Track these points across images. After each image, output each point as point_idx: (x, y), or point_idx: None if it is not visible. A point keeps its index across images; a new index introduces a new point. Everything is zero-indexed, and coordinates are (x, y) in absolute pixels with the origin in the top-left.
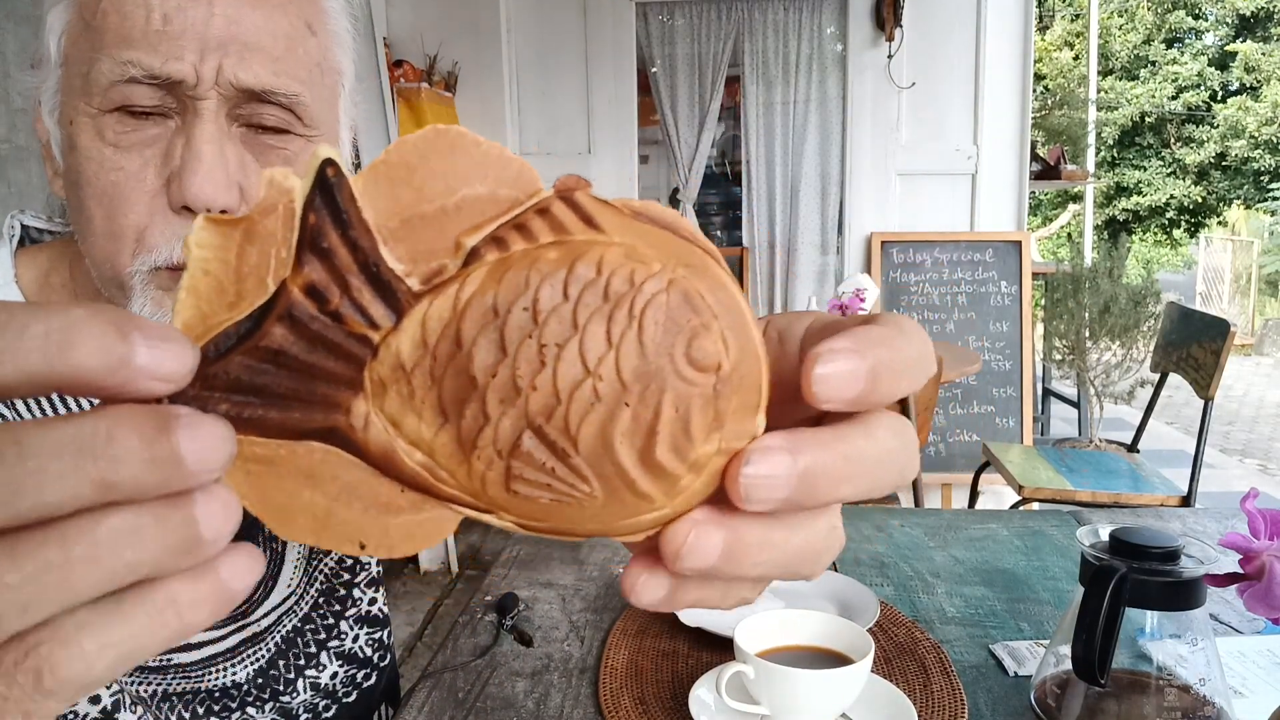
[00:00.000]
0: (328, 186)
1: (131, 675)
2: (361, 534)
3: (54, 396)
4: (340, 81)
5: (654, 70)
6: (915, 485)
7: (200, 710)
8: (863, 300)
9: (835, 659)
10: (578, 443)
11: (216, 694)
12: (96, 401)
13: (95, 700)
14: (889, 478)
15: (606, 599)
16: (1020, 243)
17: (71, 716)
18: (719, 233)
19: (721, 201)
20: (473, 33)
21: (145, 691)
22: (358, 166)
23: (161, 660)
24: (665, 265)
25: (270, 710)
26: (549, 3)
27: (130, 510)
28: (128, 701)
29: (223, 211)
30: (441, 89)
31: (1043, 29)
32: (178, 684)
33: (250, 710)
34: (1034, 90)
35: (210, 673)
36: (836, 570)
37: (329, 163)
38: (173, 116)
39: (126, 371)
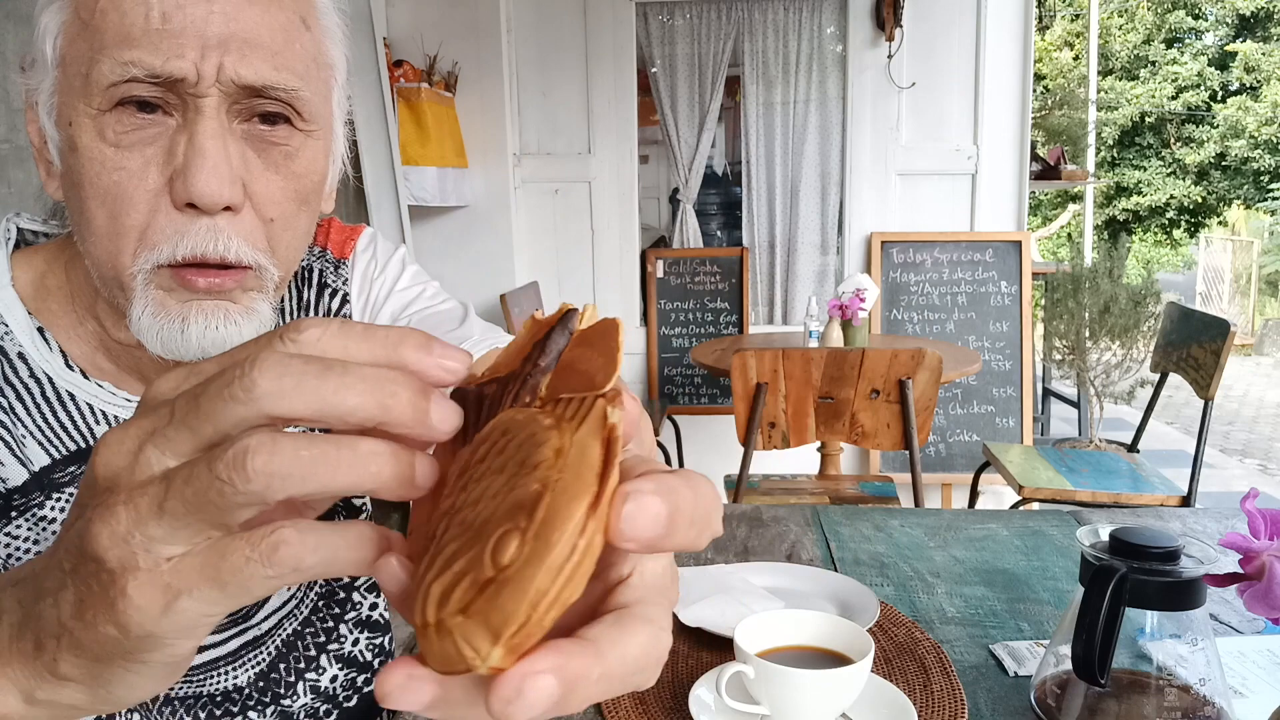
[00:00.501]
0: (553, 328)
1: None
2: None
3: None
4: (334, 75)
5: (654, 70)
6: (915, 485)
7: (202, 715)
8: (863, 300)
9: (835, 659)
10: (442, 541)
11: (218, 698)
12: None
13: None
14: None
15: None
16: (1020, 243)
17: None
18: (719, 232)
19: (721, 201)
20: (473, 33)
21: None
22: (356, 160)
23: None
24: (565, 472)
25: (271, 714)
26: (549, 3)
27: (384, 441)
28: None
29: (226, 209)
30: (441, 89)
31: (1043, 29)
32: (179, 688)
33: (251, 714)
34: (1034, 90)
35: (212, 677)
36: (836, 570)
37: (568, 313)
38: (173, 114)
39: (429, 360)
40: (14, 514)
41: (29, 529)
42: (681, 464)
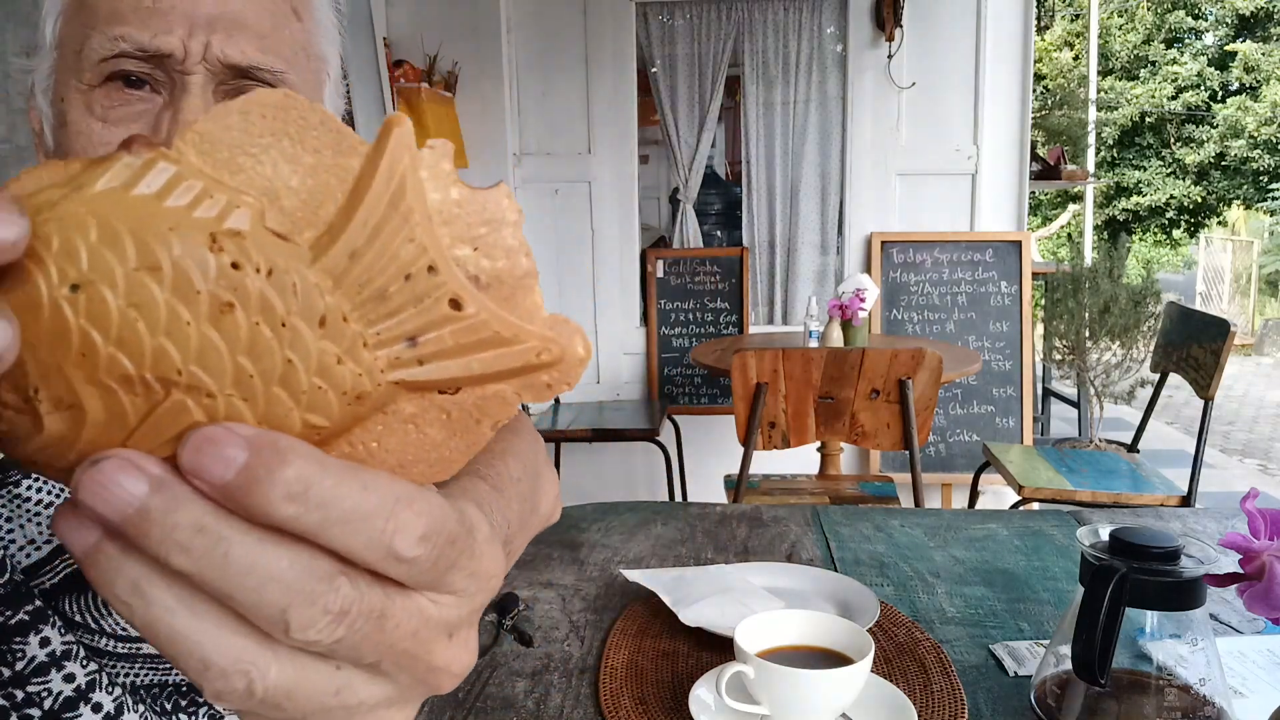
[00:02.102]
0: None
1: (101, 661)
2: None
3: None
4: (325, 70)
5: (654, 70)
6: (915, 485)
7: (168, 705)
8: (863, 300)
9: (835, 659)
10: None
11: (184, 688)
12: None
13: (70, 679)
14: None
15: (606, 599)
16: (1020, 243)
17: (45, 694)
18: (719, 232)
19: (721, 201)
20: (473, 33)
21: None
22: None
23: (130, 648)
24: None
25: None
26: (549, 3)
27: None
28: (104, 682)
29: None
30: (441, 89)
31: (1043, 29)
32: (145, 675)
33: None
34: (1034, 90)
35: None
36: (836, 570)
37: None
38: (161, 91)
39: None
40: None
41: (3, 504)
42: (682, 464)
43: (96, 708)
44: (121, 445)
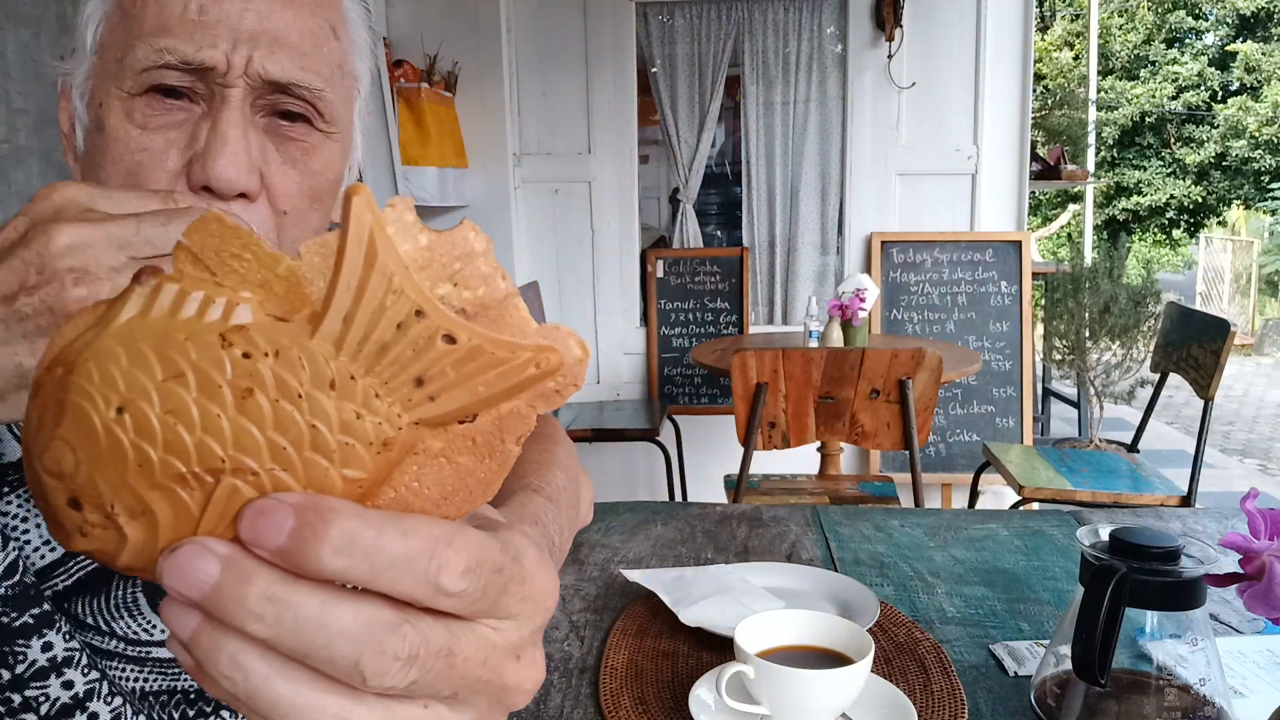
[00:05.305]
0: None
1: (110, 664)
2: None
3: None
4: (356, 87)
5: (654, 70)
6: (915, 485)
7: (175, 715)
8: (863, 300)
9: (835, 659)
10: None
11: (192, 695)
12: None
13: (69, 686)
14: None
15: (606, 599)
16: (1020, 243)
17: (42, 699)
18: (719, 232)
19: (721, 201)
20: (473, 33)
21: (125, 687)
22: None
23: (141, 651)
24: None
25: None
26: (549, 3)
27: None
28: (104, 691)
29: (242, 195)
30: (441, 89)
31: (1043, 29)
32: (155, 680)
33: (225, 713)
34: (1034, 90)
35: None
36: (836, 570)
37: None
38: (199, 103)
39: None
40: (6, 489)
41: (20, 505)
42: (682, 464)
43: (93, 717)
44: (193, 535)
